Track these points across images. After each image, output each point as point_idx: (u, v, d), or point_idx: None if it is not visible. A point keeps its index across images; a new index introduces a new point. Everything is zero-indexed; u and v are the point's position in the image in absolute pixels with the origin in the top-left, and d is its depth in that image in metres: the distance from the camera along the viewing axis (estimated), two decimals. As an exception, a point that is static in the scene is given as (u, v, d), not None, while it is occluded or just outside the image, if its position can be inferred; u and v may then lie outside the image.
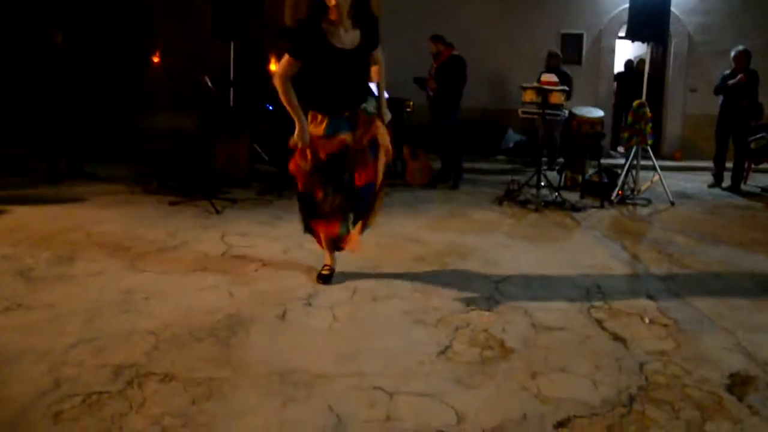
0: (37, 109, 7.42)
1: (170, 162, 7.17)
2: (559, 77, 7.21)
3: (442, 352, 3.06)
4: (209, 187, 6.35)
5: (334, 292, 3.86)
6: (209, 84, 7.33)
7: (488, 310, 3.61)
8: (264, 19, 13.56)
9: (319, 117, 3.71)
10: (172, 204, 6.20)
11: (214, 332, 3.19)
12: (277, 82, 3.60)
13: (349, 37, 3.57)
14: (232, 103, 8.69)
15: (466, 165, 8.11)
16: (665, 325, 3.45)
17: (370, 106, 3.78)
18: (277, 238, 5.08)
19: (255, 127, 8.25)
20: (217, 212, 5.89)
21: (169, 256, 4.51)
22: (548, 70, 7.96)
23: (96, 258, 4.36)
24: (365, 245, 4.72)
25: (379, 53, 3.82)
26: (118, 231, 5.12)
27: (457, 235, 5.37)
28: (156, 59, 13.48)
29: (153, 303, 3.56)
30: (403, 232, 5.38)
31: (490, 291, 3.94)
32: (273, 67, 8.35)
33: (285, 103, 3.62)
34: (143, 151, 8.64)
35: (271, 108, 7.99)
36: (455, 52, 7.69)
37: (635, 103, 7.13)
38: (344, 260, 4.17)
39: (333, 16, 3.50)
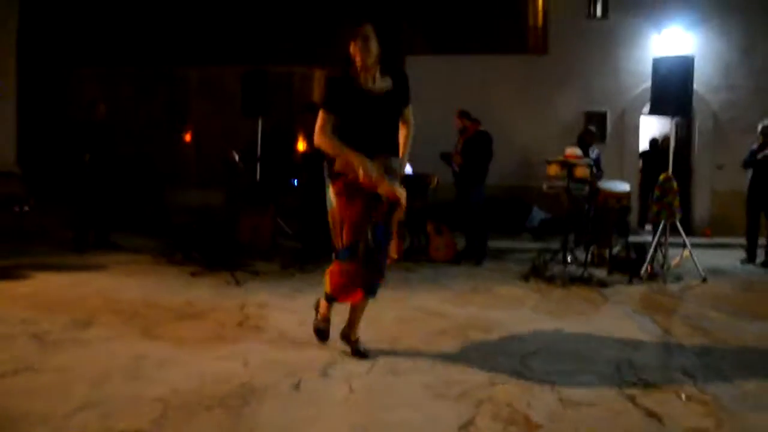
0: (72, 179, 7.58)
1: (194, 234, 7.22)
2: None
3: (464, 427, 2.88)
4: (231, 259, 6.34)
5: (352, 364, 3.72)
6: (236, 159, 7.47)
7: (513, 385, 3.43)
8: (293, 96, 13.97)
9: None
10: (193, 274, 6.18)
11: (225, 401, 3.06)
12: (318, 140, 3.60)
13: (378, 84, 3.64)
14: (258, 178, 8.83)
15: (491, 243, 8.01)
16: (704, 402, 3.23)
17: (394, 162, 3.73)
18: (297, 310, 4.97)
19: (280, 202, 8.32)
20: (238, 283, 5.84)
21: (185, 324, 4.43)
22: (581, 146, 7.95)
23: (111, 324, 4.31)
24: (384, 320, 4.63)
25: (409, 114, 3.81)
26: (136, 298, 5.09)
27: (480, 310, 5.21)
28: (187, 136, 13.86)
29: (164, 370, 3.46)
30: (425, 306, 5.25)
31: (514, 365, 3.76)
32: (300, 145, 8.51)
33: (334, 153, 3.61)
34: (171, 225, 8.74)
35: (296, 183, 8.09)
36: (481, 128, 7.76)
37: (662, 176, 7.04)
38: (363, 333, 4.03)
39: (360, 65, 3.56)
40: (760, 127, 7.92)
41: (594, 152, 8.47)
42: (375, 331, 4.28)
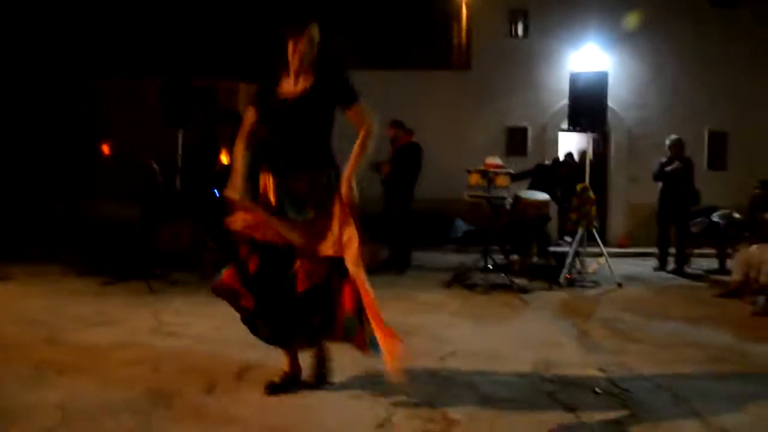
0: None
1: (108, 243, 6.91)
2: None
3: (381, 425, 2.82)
4: (147, 268, 6.09)
5: (268, 368, 3.59)
6: (155, 167, 7.22)
7: (432, 384, 3.40)
8: (217, 107, 13.70)
9: (264, 178, 3.17)
10: (105, 284, 5.89)
11: (132, 406, 2.89)
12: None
13: (298, 86, 3.10)
14: (179, 188, 8.56)
15: (414, 255, 8.01)
16: (618, 395, 3.29)
17: (320, 179, 3.11)
18: (213, 315, 4.78)
19: (201, 212, 8.07)
20: (152, 291, 5.60)
21: (93, 332, 4.19)
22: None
23: (10, 332, 4.03)
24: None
25: (362, 113, 3.13)
26: (40, 307, 4.80)
27: (401, 315, 5.14)
28: (105, 147, 13.35)
29: (66, 377, 3.25)
30: (346, 312, 5.16)
31: (434, 365, 3.74)
32: (224, 158, 8.33)
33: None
34: (85, 236, 8.35)
35: (217, 193, 7.88)
36: (413, 139, 7.80)
37: (579, 186, 7.26)
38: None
39: (294, 68, 3.11)
40: (667, 142, 8.31)
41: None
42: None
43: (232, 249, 3.18)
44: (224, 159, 8.31)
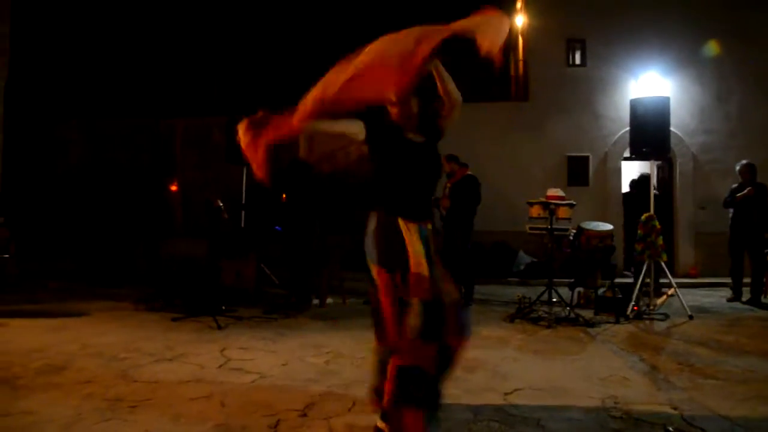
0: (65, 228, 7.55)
1: (177, 280, 7.13)
2: None
3: (446, 462, 2.80)
4: (213, 304, 6.26)
5: (332, 403, 3.64)
6: (220, 205, 7.46)
7: (497, 421, 3.35)
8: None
9: (401, 224, 2.96)
10: (174, 320, 6.08)
11: (200, 441, 2.97)
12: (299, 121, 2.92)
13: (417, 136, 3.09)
14: (243, 225, 8.81)
15: (477, 288, 7.94)
16: (690, 435, 3.17)
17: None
18: (278, 351, 4.90)
19: (264, 249, 8.27)
20: (219, 328, 5.75)
21: (163, 367, 4.33)
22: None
23: (88, 367, 4.20)
24: (369, 360, 4.55)
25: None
26: (115, 343, 4.98)
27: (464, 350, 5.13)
28: (174, 187, 13.87)
29: (139, 411, 3.36)
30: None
31: (498, 402, 3.69)
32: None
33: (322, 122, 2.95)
34: (157, 273, 8.64)
35: (279, 230, 8.07)
36: (469, 172, 7.81)
37: (643, 216, 7.07)
38: (345, 372, 3.96)
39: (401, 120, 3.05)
40: (738, 168, 8.05)
41: None
42: (358, 372, 4.21)
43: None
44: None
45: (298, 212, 7.67)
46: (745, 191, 7.79)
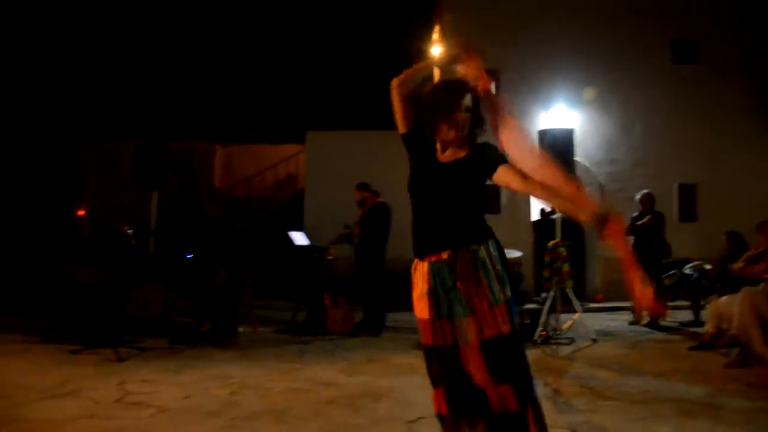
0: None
1: (77, 309, 6.78)
2: None
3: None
4: (115, 335, 5.98)
5: (233, 436, 3.52)
6: (128, 231, 7.18)
7: (400, 450, 3.33)
8: (193, 172, 13.73)
9: (415, 264, 2.75)
10: (72, 352, 5.76)
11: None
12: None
13: (450, 153, 2.72)
14: (152, 252, 8.51)
15: (390, 315, 7.94)
16: (586, 457, 3.25)
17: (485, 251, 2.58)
18: (181, 383, 4.72)
19: (174, 277, 7.99)
20: (120, 360, 5.48)
21: (54, 404, 4.07)
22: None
23: (-34, 408, 3.90)
24: (274, 391, 4.48)
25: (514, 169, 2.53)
26: (0, 380, 4.65)
27: (373, 379, 5.11)
28: (81, 212, 13.28)
29: (19, 454, 3.14)
30: (317, 377, 5.09)
31: (401, 431, 3.67)
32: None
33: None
34: (55, 302, 8.19)
35: (190, 257, 7.83)
36: (380, 200, 7.82)
37: (550, 243, 7.31)
38: (249, 404, 3.85)
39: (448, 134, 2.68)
40: (637, 197, 8.47)
41: None
42: (263, 403, 4.12)
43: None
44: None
45: (211, 242, 7.51)
46: (645, 219, 8.20)
